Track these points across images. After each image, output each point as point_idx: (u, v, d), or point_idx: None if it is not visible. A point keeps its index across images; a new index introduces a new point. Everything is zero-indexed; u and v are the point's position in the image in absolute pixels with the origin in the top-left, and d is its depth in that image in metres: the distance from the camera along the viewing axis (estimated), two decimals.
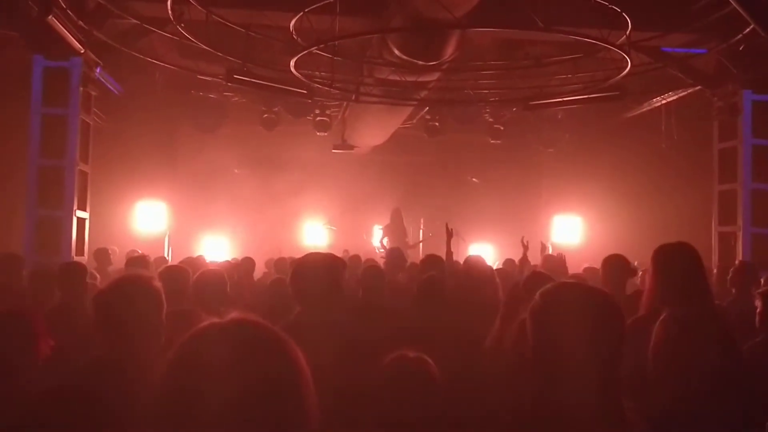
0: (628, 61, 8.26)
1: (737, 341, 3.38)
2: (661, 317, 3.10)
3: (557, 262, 9.24)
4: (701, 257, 3.41)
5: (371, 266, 6.42)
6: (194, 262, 7.63)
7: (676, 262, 3.36)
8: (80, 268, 5.36)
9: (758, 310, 4.35)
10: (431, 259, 7.23)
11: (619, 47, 7.96)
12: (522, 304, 4.30)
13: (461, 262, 7.86)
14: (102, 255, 9.91)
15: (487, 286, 5.76)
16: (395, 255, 8.63)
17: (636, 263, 6.19)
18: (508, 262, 9.58)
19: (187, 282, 4.86)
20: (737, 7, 6.23)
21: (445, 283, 5.14)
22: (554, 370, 1.95)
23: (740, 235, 10.45)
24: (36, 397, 2.50)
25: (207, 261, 9.14)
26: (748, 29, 7.99)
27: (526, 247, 8.22)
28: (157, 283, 2.90)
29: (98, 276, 7.28)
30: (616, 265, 5.80)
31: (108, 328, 2.73)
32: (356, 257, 10.47)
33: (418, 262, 8.63)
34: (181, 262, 7.41)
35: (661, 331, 3.00)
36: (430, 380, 2.86)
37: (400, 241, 14.77)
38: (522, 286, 4.48)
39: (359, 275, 5.97)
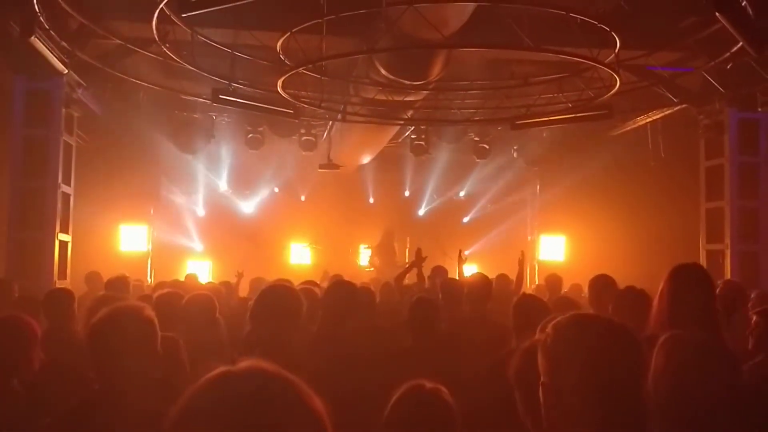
0: (617, 79, 8.25)
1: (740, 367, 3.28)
2: (662, 339, 2.98)
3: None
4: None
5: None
6: (184, 285, 7.51)
7: (692, 284, 3.28)
8: (67, 295, 5.23)
9: (754, 328, 4.21)
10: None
11: (609, 66, 7.94)
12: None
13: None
14: (93, 279, 9.37)
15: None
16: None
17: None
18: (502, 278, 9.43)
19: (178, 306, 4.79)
20: (728, 27, 6.23)
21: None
22: (575, 412, 1.85)
23: (728, 253, 10.44)
24: None
25: (199, 282, 9.02)
26: (736, 47, 8.01)
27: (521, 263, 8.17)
28: (150, 312, 2.74)
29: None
30: (603, 285, 5.77)
31: (100, 364, 2.59)
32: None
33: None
34: (163, 284, 7.30)
35: (661, 354, 2.89)
36: (449, 415, 2.65)
37: (389, 261, 14.73)
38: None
39: None
